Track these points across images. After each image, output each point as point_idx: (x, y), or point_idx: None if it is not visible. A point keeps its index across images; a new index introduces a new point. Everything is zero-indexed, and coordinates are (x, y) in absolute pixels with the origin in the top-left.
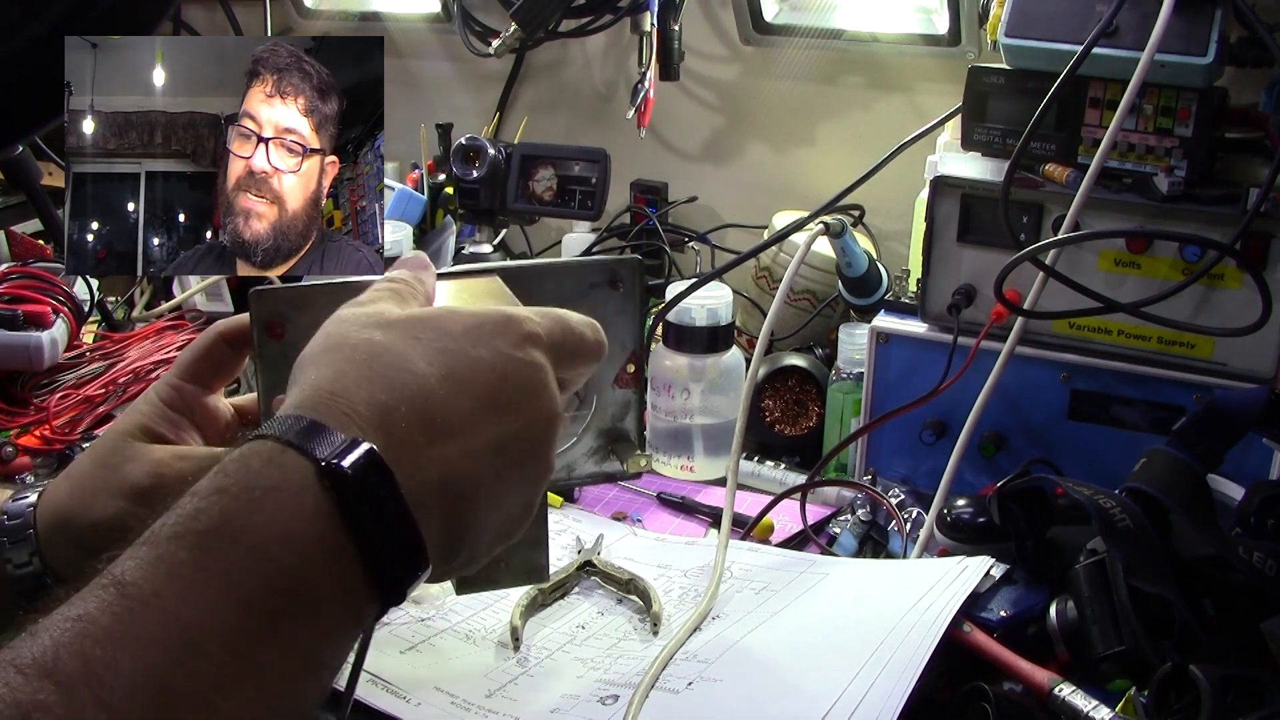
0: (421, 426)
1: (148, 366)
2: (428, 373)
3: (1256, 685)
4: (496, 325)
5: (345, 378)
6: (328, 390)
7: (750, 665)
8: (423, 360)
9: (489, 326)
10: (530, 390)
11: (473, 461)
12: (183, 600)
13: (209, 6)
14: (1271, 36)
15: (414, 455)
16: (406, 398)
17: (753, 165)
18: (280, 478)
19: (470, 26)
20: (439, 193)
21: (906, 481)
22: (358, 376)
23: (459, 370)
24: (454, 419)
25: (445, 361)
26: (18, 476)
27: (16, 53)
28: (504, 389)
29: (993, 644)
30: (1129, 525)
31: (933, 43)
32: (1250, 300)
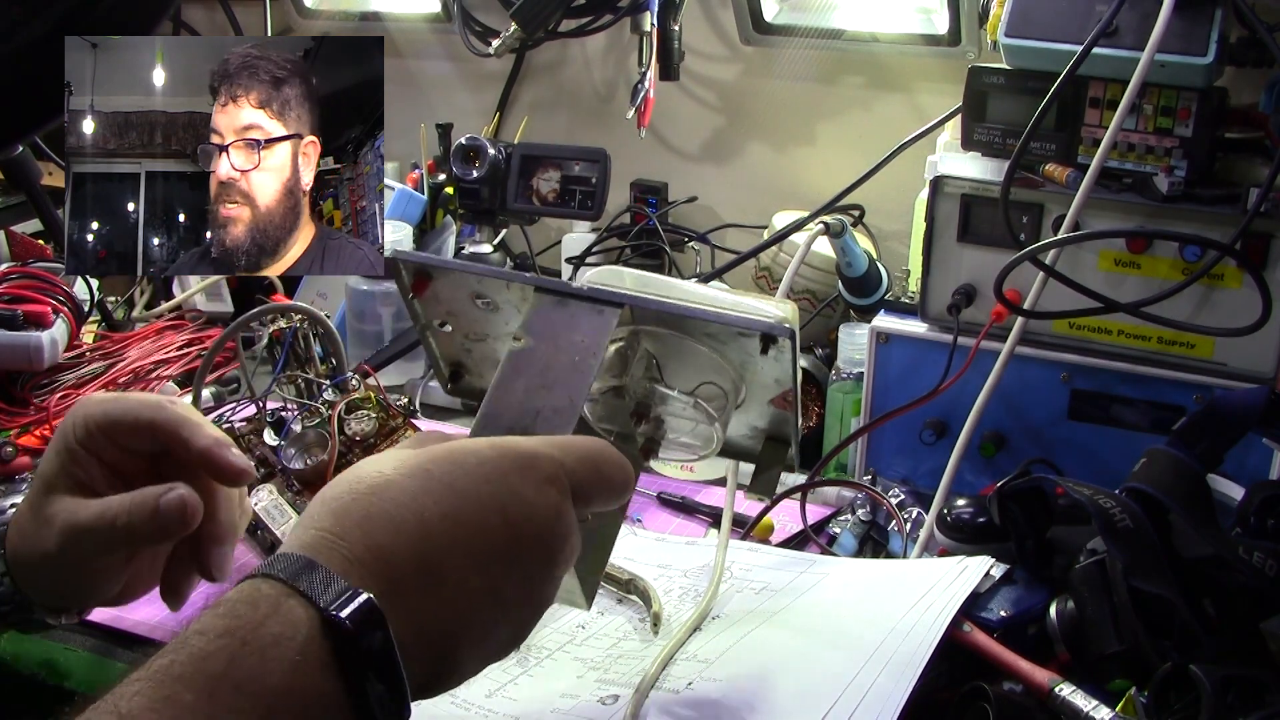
0: (417, 572)
1: (148, 366)
2: (431, 511)
3: (1256, 685)
4: (514, 463)
5: (348, 518)
6: (331, 532)
7: (750, 665)
8: (428, 498)
9: (506, 464)
10: (538, 535)
11: (466, 606)
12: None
13: (209, 6)
14: (1271, 36)
15: (408, 601)
16: (405, 540)
17: (753, 165)
18: (286, 628)
19: (470, 26)
20: (439, 193)
21: (906, 481)
22: (360, 516)
23: (464, 512)
24: (451, 564)
25: (452, 501)
26: (18, 476)
27: (16, 53)
28: (510, 533)
29: (993, 644)
30: (1129, 525)
31: (933, 43)
32: (1250, 300)
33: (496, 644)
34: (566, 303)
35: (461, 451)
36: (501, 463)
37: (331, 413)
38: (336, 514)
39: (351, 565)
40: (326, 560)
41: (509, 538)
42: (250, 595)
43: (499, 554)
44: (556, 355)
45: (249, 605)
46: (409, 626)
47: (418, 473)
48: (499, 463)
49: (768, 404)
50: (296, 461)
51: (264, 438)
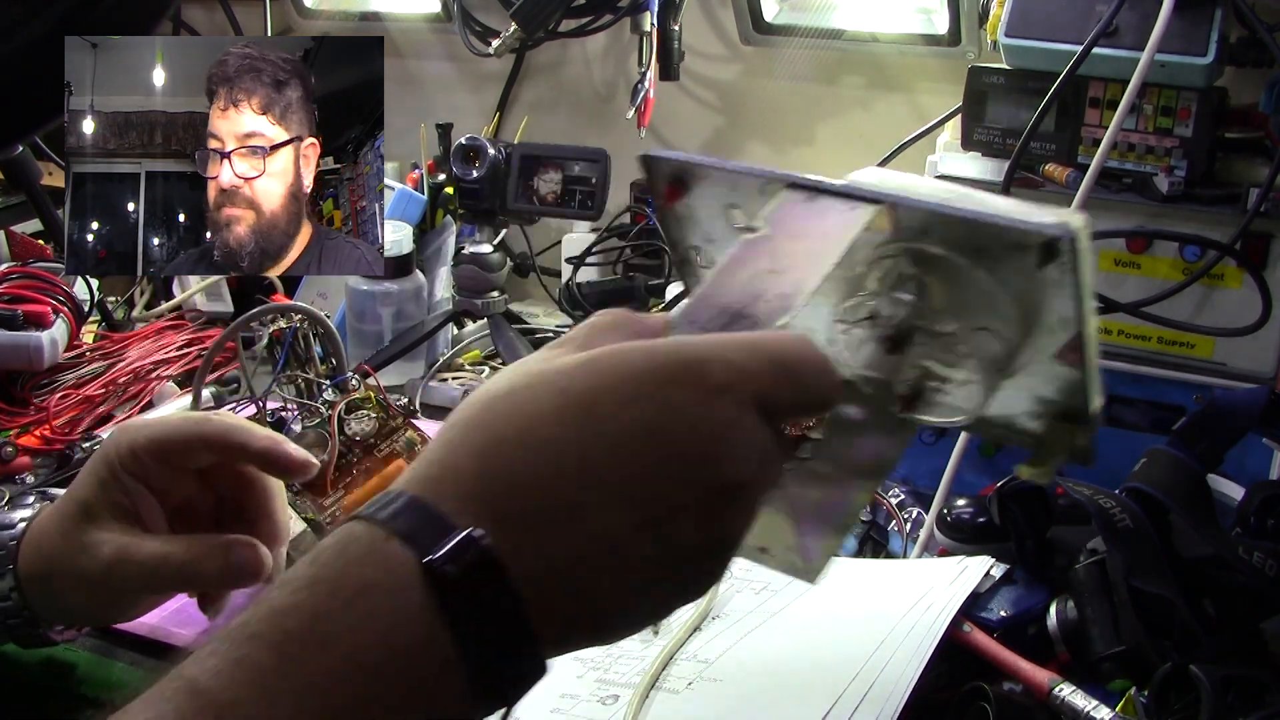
0: (546, 505)
1: (148, 366)
2: (564, 438)
3: (1256, 685)
4: (673, 372)
5: (463, 447)
6: (439, 463)
7: (750, 665)
8: (561, 421)
9: (663, 374)
10: (707, 454)
11: (611, 545)
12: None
13: (209, 6)
14: (1271, 36)
15: (534, 540)
16: (530, 470)
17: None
18: (379, 574)
19: (470, 26)
20: (439, 193)
21: (906, 481)
22: (477, 445)
23: (608, 432)
24: (589, 495)
25: (591, 423)
26: (18, 476)
27: (17, 53)
28: (666, 455)
29: (993, 644)
30: (1129, 525)
31: (933, 43)
32: (1250, 300)
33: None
34: (816, 198)
35: (610, 361)
36: (657, 373)
37: (331, 413)
38: (451, 443)
39: (465, 502)
40: (434, 496)
41: (666, 463)
42: (340, 540)
43: (653, 483)
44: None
45: (337, 551)
46: (538, 570)
47: (553, 390)
48: (654, 375)
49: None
50: None
51: None
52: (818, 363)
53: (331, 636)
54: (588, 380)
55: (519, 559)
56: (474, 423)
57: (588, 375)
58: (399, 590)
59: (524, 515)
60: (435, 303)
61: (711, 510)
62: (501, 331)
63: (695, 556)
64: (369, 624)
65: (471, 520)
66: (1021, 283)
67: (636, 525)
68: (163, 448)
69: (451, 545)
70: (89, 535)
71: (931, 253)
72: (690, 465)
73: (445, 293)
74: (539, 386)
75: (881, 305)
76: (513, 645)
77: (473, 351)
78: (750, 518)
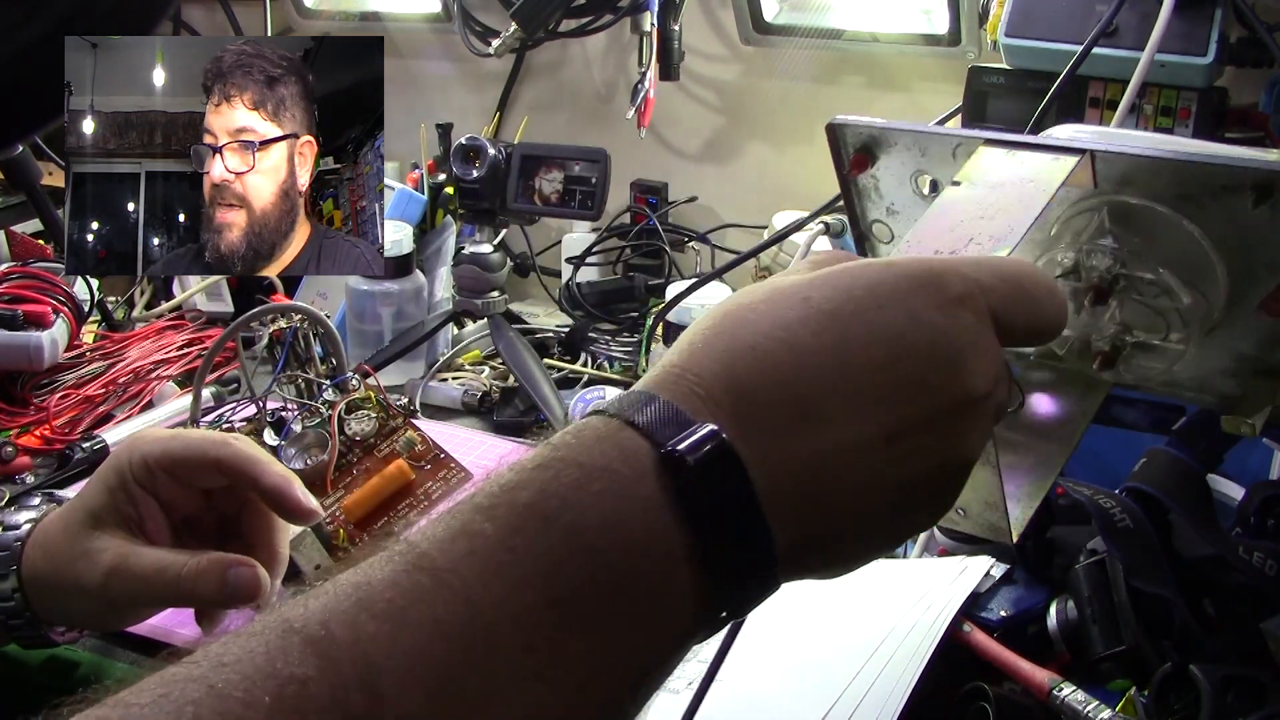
0: (788, 409)
1: (148, 366)
2: (807, 343)
3: (1256, 685)
4: (915, 281)
5: (704, 350)
6: (679, 364)
7: (750, 665)
8: (804, 327)
9: (905, 283)
10: (950, 363)
11: (852, 454)
12: (481, 582)
13: (209, 6)
14: (1271, 36)
15: (775, 444)
16: (773, 373)
17: (753, 165)
18: (614, 457)
19: (470, 26)
20: (439, 193)
21: None
22: (720, 348)
23: (852, 339)
24: (832, 401)
25: (835, 328)
26: (18, 476)
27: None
28: (910, 363)
29: (993, 644)
30: (1129, 525)
31: (933, 43)
32: None
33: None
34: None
35: (849, 274)
36: (899, 284)
37: (331, 413)
38: (691, 346)
39: (704, 402)
40: (672, 394)
41: (909, 372)
42: (577, 429)
43: (900, 387)
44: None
45: (573, 435)
46: (777, 474)
47: (793, 299)
48: (895, 284)
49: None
50: (296, 462)
51: (264, 438)
52: (1048, 285)
53: (557, 512)
54: (830, 290)
55: (761, 462)
56: (718, 329)
57: (829, 286)
58: (635, 476)
59: (767, 420)
60: (435, 303)
61: (950, 423)
62: (501, 331)
63: (932, 473)
64: (597, 505)
65: (711, 420)
66: (1229, 229)
67: (878, 435)
68: (177, 464)
69: (692, 439)
70: (91, 542)
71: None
72: (933, 373)
73: (445, 293)
74: (779, 298)
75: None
76: (749, 547)
77: (473, 351)
78: (984, 435)
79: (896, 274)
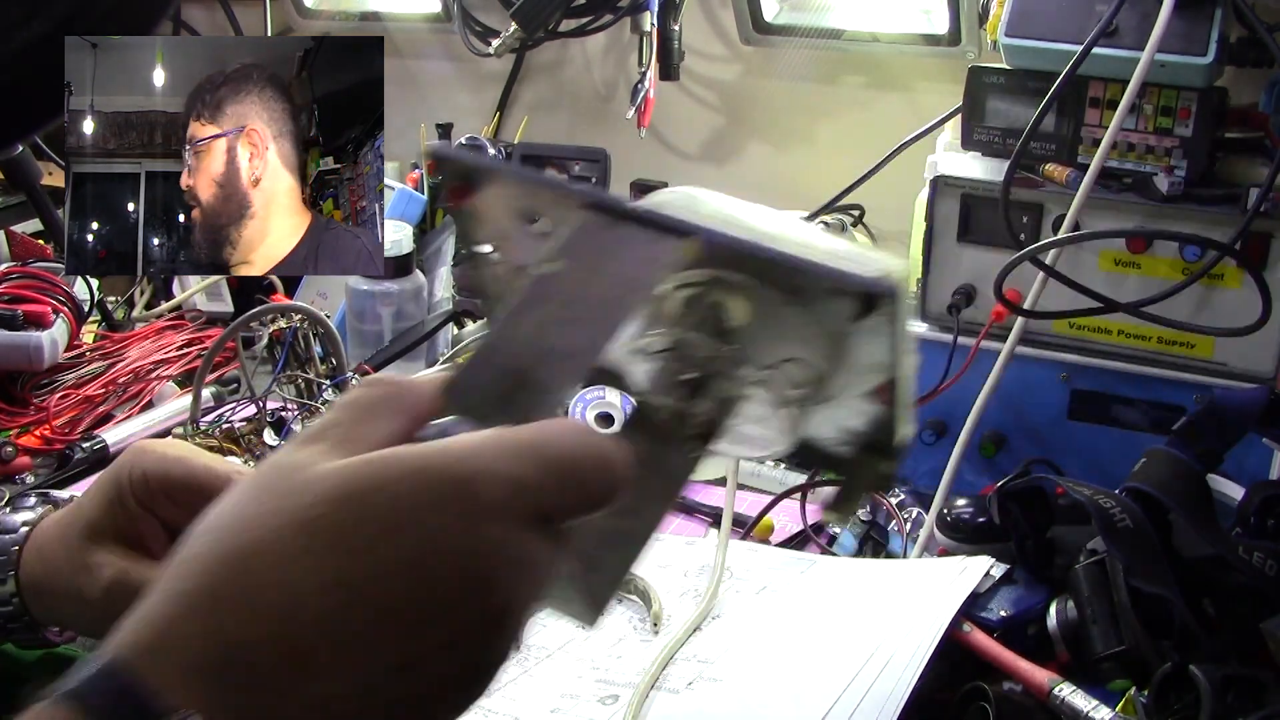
0: (287, 662)
1: (148, 366)
2: (307, 585)
3: (1256, 685)
4: (441, 494)
5: (190, 600)
6: (163, 628)
7: (750, 665)
8: (304, 564)
9: (427, 498)
10: (471, 588)
11: (362, 698)
12: None
13: (209, 6)
14: (1271, 36)
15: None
16: (270, 623)
17: (753, 165)
18: None
19: (470, 26)
20: (439, 193)
21: (906, 481)
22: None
23: (358, 576)
24: (337, 646)
25: (339, 564)
26: (18, 476)
27: (17, 52)
28: (425, 595)
29: (993, 644)
30: (1129, 525)
31: (933, 42)
32: (1250, 300)
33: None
34: (619, 225)
35: (363, 485)
36: (419, 500)
37: None
38: (177, 595)
39: (181, 678)
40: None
41: (424, 602)
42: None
43: (411, 627)
44: (591, 286)
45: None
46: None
47: (296, 525)
48: (415, 501)
49: (865, 397)
50: None
51: (264, 438)
52: (598, 457)
53: None
54: (338, 513)
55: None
56: (210, 573)
57: (338, 506)
58: None
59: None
60: (435, 303)
61: (472, 640)
62: None
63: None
64: None
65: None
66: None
67: (385, 671)
68: (175, 489)
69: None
70: (92, 555)
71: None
72: (453, 600)
73: (445, 293)
74: (282, 517)
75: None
76: None
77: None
78: (513, 640)
79: (419, 484)
